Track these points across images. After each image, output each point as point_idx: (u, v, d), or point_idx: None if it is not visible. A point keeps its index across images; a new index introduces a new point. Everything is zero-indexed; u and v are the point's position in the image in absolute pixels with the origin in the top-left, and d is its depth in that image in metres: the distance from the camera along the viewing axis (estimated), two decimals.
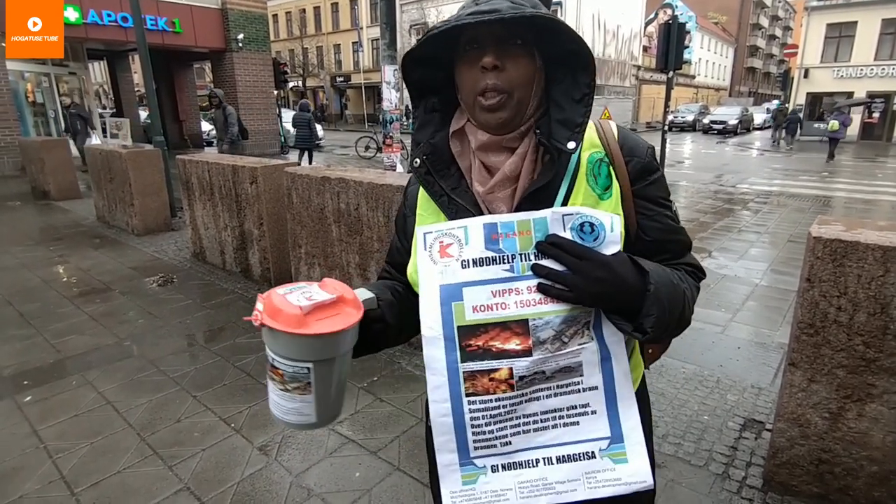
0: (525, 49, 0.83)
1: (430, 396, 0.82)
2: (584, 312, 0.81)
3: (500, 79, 0.81)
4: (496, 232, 0.81)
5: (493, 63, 0.80)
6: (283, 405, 0.82)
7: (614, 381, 0.83)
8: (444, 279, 0.81)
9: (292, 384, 0.79)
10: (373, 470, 2.37)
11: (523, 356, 0.80)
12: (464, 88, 0.86)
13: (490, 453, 0.84)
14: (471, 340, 0.80)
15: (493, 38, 0.81)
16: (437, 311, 0.81)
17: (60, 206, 8.48)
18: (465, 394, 0.81)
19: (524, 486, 0.83)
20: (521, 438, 0.84)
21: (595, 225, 0.79)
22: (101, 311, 4.19)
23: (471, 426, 0.82)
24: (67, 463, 2.43)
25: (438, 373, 0.81)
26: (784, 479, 2.11)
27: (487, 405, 0.81)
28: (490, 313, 0.80)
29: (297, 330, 0.74)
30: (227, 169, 4.75)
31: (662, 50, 10.06)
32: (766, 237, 6.84)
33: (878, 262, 1.72)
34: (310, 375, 0.79)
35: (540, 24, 0.80)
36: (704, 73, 51.66)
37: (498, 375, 0.80)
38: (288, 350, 0.77)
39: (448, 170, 0.91)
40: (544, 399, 0.83)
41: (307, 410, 0.82)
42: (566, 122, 0.84)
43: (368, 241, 3.58)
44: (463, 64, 0.85)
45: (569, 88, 0.85)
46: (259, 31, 16.56)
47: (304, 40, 41.18)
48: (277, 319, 0.75)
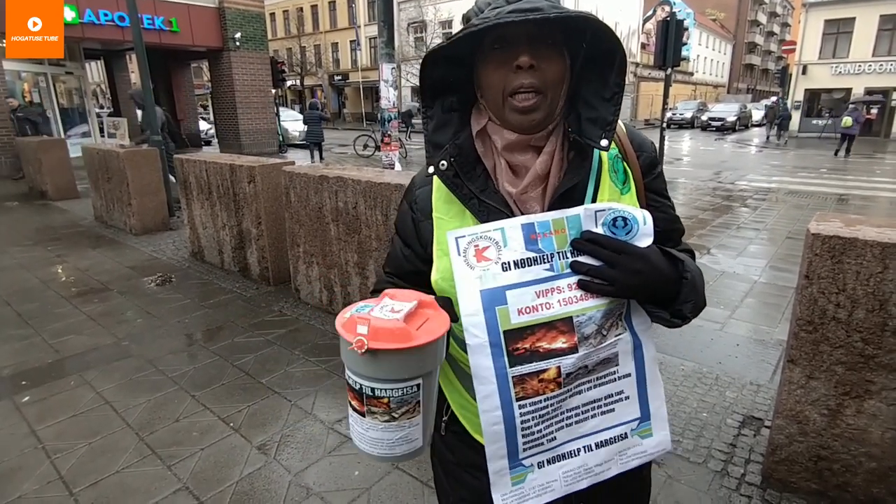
0: (556, 49, 0.82)
1: (480, 406, 0.81)
2: (619, 304, 0.83)
3: (535, 78, 0.80)
4: (534, 232, 0.80)
5: (530, 63, 0.79)
6: (389, 438, 0.74)
7: (644, 367, 0.87)
8: (483, 284, 0.79)
9: (401, 409, 0.72)
10: (372, 469, 2.37)
11: (570, 354, 0.80)
12: (491, 88, 0.84)
13: (537, 451, 0.85)
14: (518, 344, 0.79)
15: (527, 37, 0.80)
16: (480, 317, 0.79)
17: (58, 206, 8.47)
18: (516, 398, 0.80)
19: (567, 474, 0.87)
20: (563, 432, 0.85)
21: (628, 219, 0.81)
22: (99, 311, 4.18)
23: (521, 429, 0.82)
24: (66, 463, 2.42)
25: (487, 381, 0.80)
26: (783, 475, 2.11)
27: (536, 406, 0.81)
28: (536, 314, 0.79)
29: (410, 343, 0.68)
30: (224, 168, 4.74)
31: (660, 47, 10.04)
32: (764, 234, 6.84)
33: (876, 258, 1.72)
34: (419, 393, 0.73)
35: (580, 25, 0.79)
36: (703, 69, 51.63)
37: (546, 375, 0.80)
38: (398, 371, 0.70)
39: (474, 171, 0.88)
40: (585, 392, 0.85)
41: (416, 434, 0.76)
42: (597, 120, 0.84)
43: (367, 240, 3.58)
44: (489, 63, 0.83)
45: (599, 87, 0.85)
46: (256, 29, 16.51)
47: (301, 39, 41.09)
48: (386, 339, 0.67)
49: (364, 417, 0.73)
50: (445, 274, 0.86)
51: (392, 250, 1.05)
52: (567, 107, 0.87)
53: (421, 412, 0.75)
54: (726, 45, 57.42)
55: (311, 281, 4.17)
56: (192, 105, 19.78)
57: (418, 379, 0.72)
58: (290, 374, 3.19)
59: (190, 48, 15.86)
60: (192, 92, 20.04)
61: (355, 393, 0.73)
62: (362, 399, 0.73)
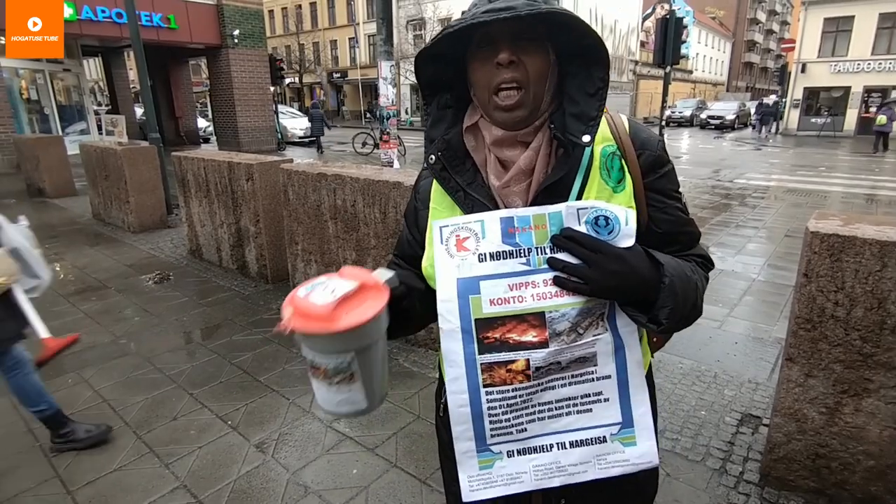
0: (539, 45, 0.83)
1: (448, 388, 0.84)
2: (599, 304, 0.83)
3: (516, 73, 0.82)
4: (513, 226, 0.82)
5: (509, 59, 0.81)
6: (332, 398, 0.82)
7: (627, 371, 0.86)
8: (461, 272, 0.82)
9: (337, 377, 0.80)
10: (370, 467, 2.37)
11: (540, 348, 0.81)
12: (478, 85, 0.86)
13: (506, 440, 0.86)
14: (488, 333, 0.82)
15: (508, 34, 0.81)
16: (454, 303, 0.82)
17: (56, 203, 8.45)
18: (483, 385, 0.83)
19: (538, 469, 0.87)
20: (536, 425, 0.86)
21: (610, 218, 0.81)
22: (97, 309, 4.18)
23: (488, 415, 0.84)
24: (63, 461, 2.42)
25: (456, 365, 0.83)
26: (781, 473, 2.11)
27: (504, 395, 0.83)
28: (507, 306, 0.81)
29: (329, 328, 0.74)
30: (223, 166, 4.73)
31: (660, 45, 10.05)
32: (763, 232, 6.85)
33: (875, 257, 1.72)
34: (352, 366, 0.79)
35: (555, 20, 0.80)
36: (702, 68, 51.63)
37: (515, 367, 0.82)
38: (325, 347, 0.78)
39: (463, 165, 0.92)
40: (559, 388, 0.86)
41: (357, 398, 0.83)
42: (581, 115, 0.85)
43: (365, 238, 3.57)
44: (476, 61, 0.85)
45: (583, 83, 0.86)
46: (255, 27, 16.48)
47: (300, 36, 40.97)
48: (308, 322, 0.75)
49: (312, 379, 0.83)
50: (432, 261, 0.88)
51: (401, 234, 1.10)
52: (556, 103, 0.88)
53: (359, 380, 0.81)
54: (725, 43, 57.41)
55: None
56: (190, 102, 19.73)
57: (349, 354, 0.78)
58: (288, 373, 3.18)
59: (188, 45, 15.82)
60: (190, 89, 20.00)
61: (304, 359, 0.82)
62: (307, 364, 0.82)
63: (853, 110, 24.90)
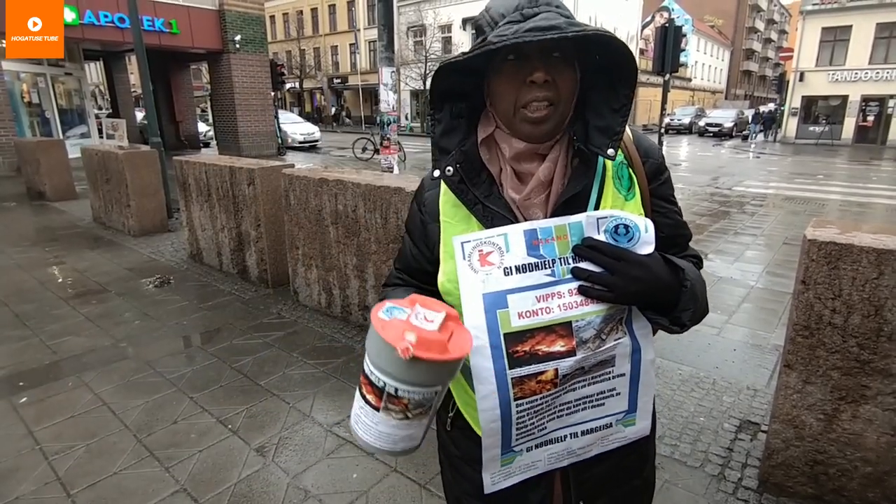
0: (569, 62, 0.83)
1: (479, 405, 0.83)
2: (619, 310, 0.85)
3: (549, 91, 0.81)
4: (536, 238, 0.82)
5: (545, 79, 0.80)
6: (396, 435, 0.77)
7: (640, 369, 0.90)
8: (486, 287, 0.82)
9: (416, 410, 0.75)
10: (370, 471, 2.37)
11: (567, 357, 0.82)
12: (503, 98, 0.85)
13: (528, 439, 0.89)
14: (517, 347, 0.81)
15: (540, 51, 0.80)
16: (481, 319, 0.81)
17: (56, 206, 8.45)
18: (514, 398, 0.83)
19: (552, 455, 0.92)
20: (555, 423, 0.90)
21: (629, 227, 0.82)
22: (97, 313, 4.18)
23: (516, 425, 0.86)
24: (63, 464, 2.42)
25: (487, 381, 0.82)
26: (779, 480, 2.12)
27: (533, 404, 0.85)
28: (535, 318, 0.81)
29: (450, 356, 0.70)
30: (224, 170, 4.74)
31: (659, 53, 10.09)
32: (761, 240, 6.87)
33: (872, 264, 1.74)
34: (435, 399, 0.76)
35: (598, 42, 0.79)
36: (701, 76, 51.84)
37: (544, 377, 0.83)
38: (427, 378, 0.73)
39: (479, 177, 0.90)
40: (580, 389, 0.88)
41: (419, 433, 0.80)
42: (605, 129, 0.85)
43: (366, 243, 3.59)
44: (502, 75, 0.84)
45: (608, 97, 0.86)
46: (256, 32, 16.54)
47: (301, 42, 41.16)
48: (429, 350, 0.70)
49: (377, 412, 0.76)
50: (451, 276, 0.88)
51: (403, 248, 1.08)
52: (573, 115, 0.88)
53: (430, 414, 0.78)
54: (724, 51, 57.68)
55: (310, 283, 4.17)
56: (190, 107, 19.77)
57: (439, 386, 0.75)
58: (288, 377, 3.19)
59: (190, 50, 15.87)
60: (190, 94, 20.02)
61: (376, 389, 0.75)
62: (381, 396, 0.74)
63: (851, 119, 25.04)
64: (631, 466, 1.04)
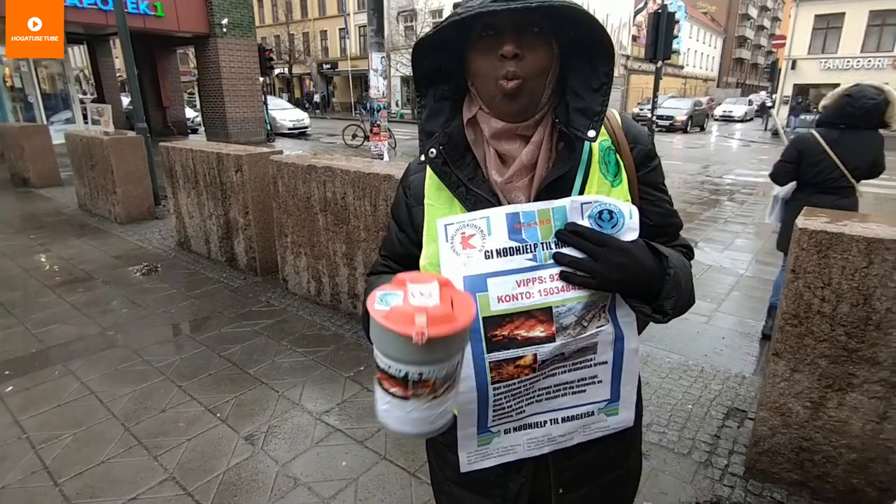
0: (543, 37, 0.82)
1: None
2: (602, 297, 0.84)
3: (519, 67, 0.80)
4: (519, 222, 0.81)
5: (514, 52, 0.79)
6: (431, 415, 0.75)
7: (623, 358, 0.89)
8: (467, 270, 0.81)
9: (444, 386, 0.73)
10: (359, 459, 2.37)
11: (547, 342, 0.81)
12: (480, 75, 0.84)
13: (505, 421, 0.89)
14: (496, 331, 0.81)
15: (512, 25, 0.79)
16: None
17: (41, 193, 8.33)
18: (491, 382, 0.83)
19: (531, 441, 0.92)
20: (533, 407, 0.89)
21: (613, 212, 0.81)
22: (83, 301, 4.13)
23: (493, 406, 0.86)
24: (50, 453, 2.40)
25: (465, 365, 0.80)
26: (765, 466, 2.14)
27: (510, 387, 0.85)
28: (515, 303, 0.80)
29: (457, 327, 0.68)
30: (211, 157, 4.68)
31: (651, 39, 10.06)
32: (751, 228, 6.91)
33: (861, 253, 1.74)
34: (458, 368, 0.74)
35: (564, 14, 0.79)
36: (693, 63, 51.82)
37: (522, 362, 0.82)
38: (446, 352, 0.71)
39: (463, 159, 0.89)
40: (559, 375, 0.87)
41: (450, 407, 0.77)
42: (585, 110, 0.84)
43: (355, 231, 3.56)
44: (478, 51, 0.83)
45: (587, 77, 0.85)
46: (244, 16, 16.25)
47: (290, 26, 40.56)
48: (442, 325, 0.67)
49: (407, 401, 0.74)
50: (433, 259, 0.87)
51: (388, 234, 1.06)
52: (557, 97, 0.87)
53: (457, 385, 0.76)
54: (717, 38, 57.63)
55: (299, 271, 4.14)
56: (177, 92, 19.47)
57: (459, 354, 0.73)
58: (277, 365, 3.17)
59: (175, 34, 15.57)
60: (177, 79, 19.72)
61: (398, 380, 0.73)
62: (407, 385, 0.72)
63: None
64: (615, 456, 1.03)
